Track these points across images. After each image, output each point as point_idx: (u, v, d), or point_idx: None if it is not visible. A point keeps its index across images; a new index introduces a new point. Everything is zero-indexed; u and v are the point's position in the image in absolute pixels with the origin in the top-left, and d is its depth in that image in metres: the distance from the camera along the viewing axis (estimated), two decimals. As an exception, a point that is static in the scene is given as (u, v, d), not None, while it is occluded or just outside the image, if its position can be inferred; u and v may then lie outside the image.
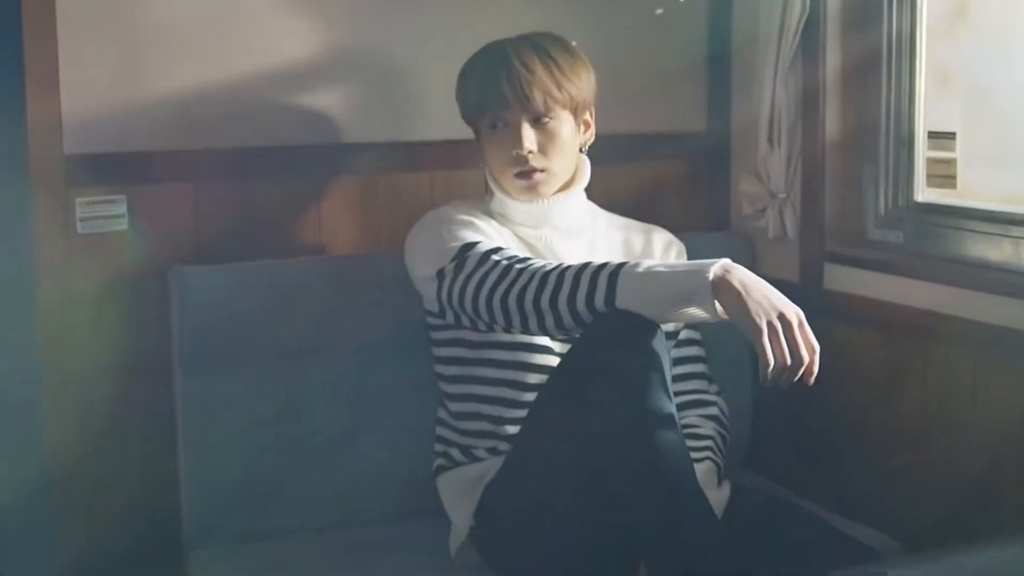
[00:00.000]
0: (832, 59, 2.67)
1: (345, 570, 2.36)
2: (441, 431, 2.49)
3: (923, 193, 2.64)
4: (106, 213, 2.58)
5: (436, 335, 2.46)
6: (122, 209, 2.59)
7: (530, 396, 2.32)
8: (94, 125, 2.55)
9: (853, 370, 2.65)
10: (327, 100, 2.69)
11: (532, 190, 2.40)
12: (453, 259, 2.29)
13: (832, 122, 2.68)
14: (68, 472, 2.60)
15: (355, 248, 2.70)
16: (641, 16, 2.89)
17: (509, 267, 2.21)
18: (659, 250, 2.53)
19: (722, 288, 2.03)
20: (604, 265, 2.12)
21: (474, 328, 2.34)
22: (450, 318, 2.36)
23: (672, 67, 2.93)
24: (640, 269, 2.09)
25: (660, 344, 2.09)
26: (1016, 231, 2.42)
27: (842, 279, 2.68)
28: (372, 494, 2.56)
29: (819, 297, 2.70)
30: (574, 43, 2.45)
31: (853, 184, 2.71)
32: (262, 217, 2.67)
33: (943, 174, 2.59)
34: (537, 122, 2.36)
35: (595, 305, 2.10)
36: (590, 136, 2.47)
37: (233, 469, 2.51)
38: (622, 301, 2.07)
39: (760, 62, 2.71)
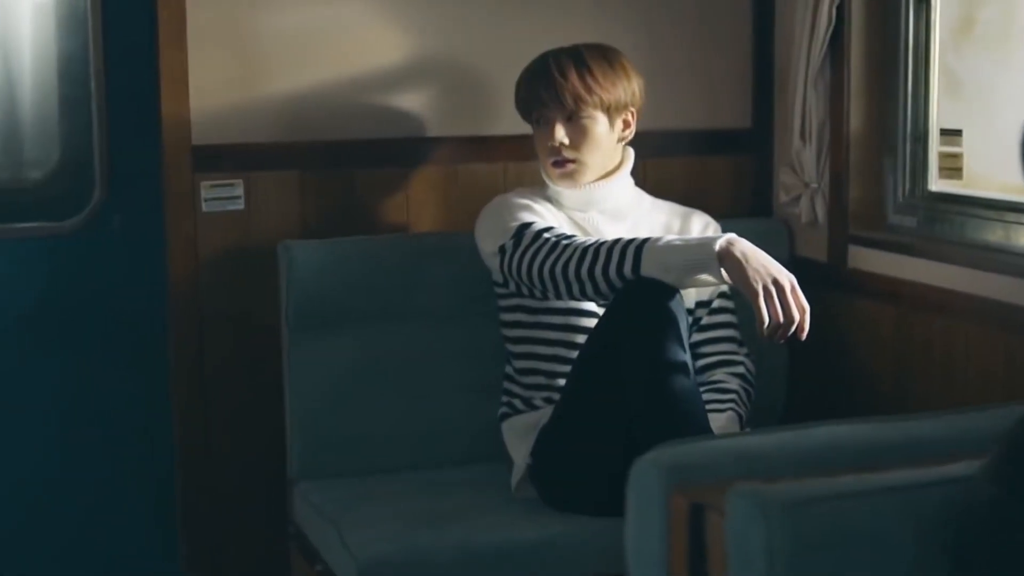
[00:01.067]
0: (856, 65, 3.01)
1: (422, 502, 2.76)
2: (507, 384, 2.90)
3: (935, 183, 2.98)
4: (226, 195, 3.03)
5: (502, 303, 2.87)
6: (240, 192, 3.04)
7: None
8: (217, 120, 3.00)
9: (872, 339, 3.00)
10: (414, 100, 3.10)
11: (567, 177, 2.79)
12: (512, 237, 2.69)
13: (856, 120, 3.03)
14: (189, 416, 3.06)
15: (436, 227, 3.11)
16: (693, 25, 3.25)
17: (556, 243, 2.61)
18: (697, 231, 2.90)
19: (726, 258, 2.42)
20: (632, 240, 2.51)
21: (532, 296, 2.75)
22: (512, 287, 2.78)
23: (721, 71, 3.29)
24: (660, 243, 2.48)
25: (677, 305, 2.48)
26: (1010, 216, 2.75)
27: (864, 259, 3.02)
28: (447, 439, 2.97)
29: (844, 275, 3.06)
30: (622, 53, 2.84)
31: (874, 175, 3.05)
32: (358, 200, 3.09)
33: (952, 167, 2.93)
34: (570, 120, 2.76)
35: (623, 273, 2.49)
36: (629, 133, 2.84)
37: (330, 415, 2.94)
38: (645, 270, 2.47)
39: (793, 67, 3.07)
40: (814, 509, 1.12)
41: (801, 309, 2.44)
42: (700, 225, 2.91)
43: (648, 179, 3.08)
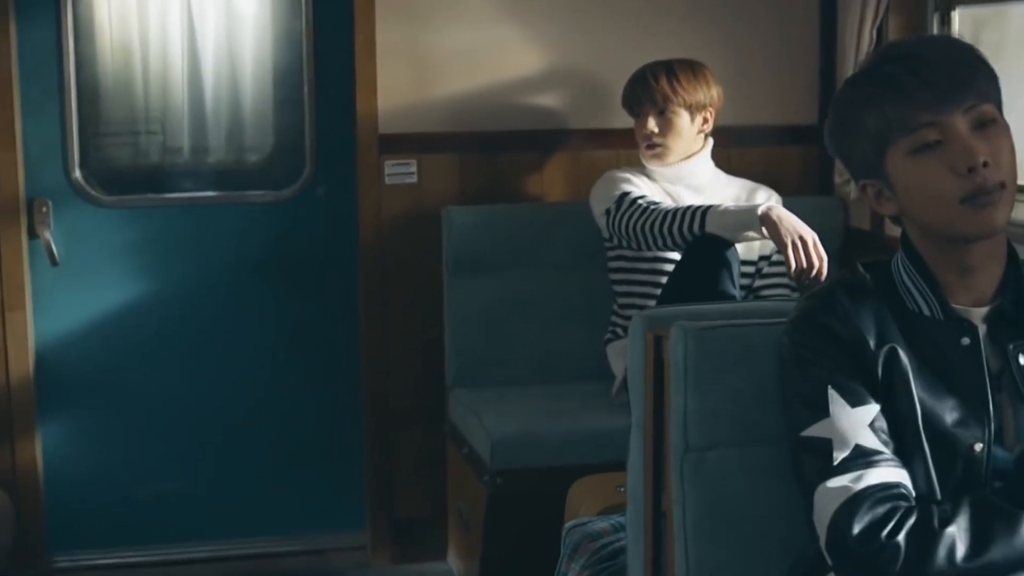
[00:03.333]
0: (892, 75, 3.82)
1: (542, 403, 3.64)
2: (612, 317, 3.78)
3: (953, 168, 3.76)
4: (403, 171, 3.96)
5: (608, 254, 3.76)
6: (413, 169, 3.97)
7: (664, 291, 3.60)
8: (397, 115, 3.92)
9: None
10: (549, 100, 3.99)
11: (656, 157, 3.65)
12: (615, 203, 3.58)
13: (892, 118, 3.84)
14: (373, 339, 4.00)
15: (563, 198, 4.00)
16: (769, 40, 4.06)
17: (646, 208, 3.49)
18: (761, 202, 3.72)
19: (765, 220, 3.26)
20: (700, 206, 3.38)
21: (629, 248, 3.63)
22: (615, 242, 3.66)
23: (792, 77, 4.10)
24: (720, 208, 3.34)
25: (732, 254, 3.32)
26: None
27: (897, 228, 3.81)
28: (564, 359, 3.86)
29: (882, 240, 3.84)
30: (706, 66, 3.69)
31: (906, 161, 3.85)
32: (503, 176, 3.99)
33: (963, 155, 3.72)
34: (661, 114, 3.61)
35: (693, 231, 3.35)
36: (708, 127, 3.67)
37: (480, 338, 3.85)
38: (708, 228, 3.33)
39: (843, 76, 3.88)
40: (712, 332, 1.97)
41: (820, 258, 3.26)
42: (763, 197, 3.73)
43: (732, 165, 3.91)
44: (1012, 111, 3.50)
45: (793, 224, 3.28)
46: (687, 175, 3.70)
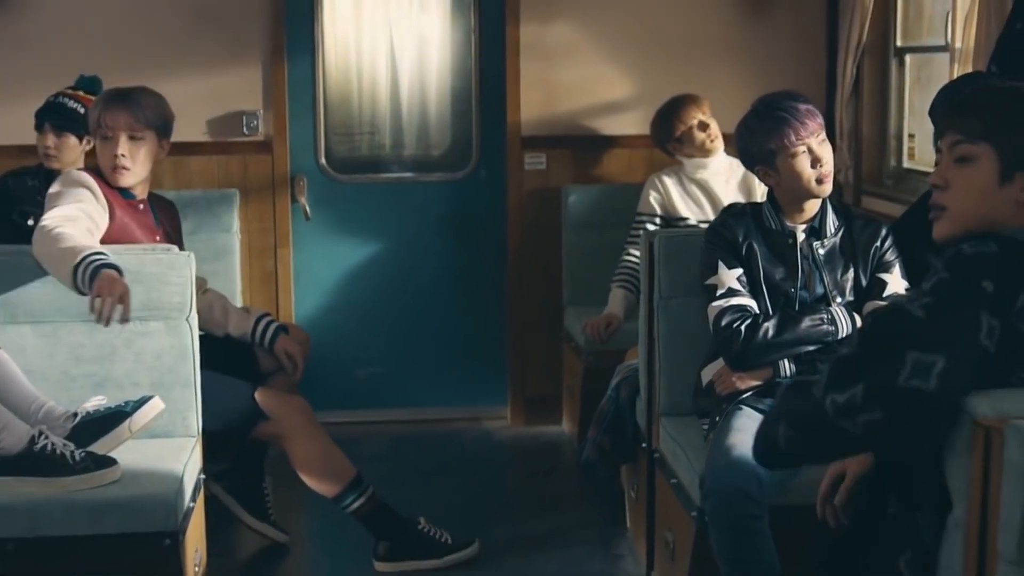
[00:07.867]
0: (867, 98, 5.58)
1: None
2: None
3: (906, 163, 5.55)
4: (537, 161, 5.86)
5: (669, 217, 5.64)
6: (543, 160, 5.85)
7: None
8: (533, 123, 5.81)
9: (870, 244, 5.58)
10: (634, 113, 5.81)
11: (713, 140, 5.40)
12: (635, 216, 5.38)
13: (867, 128, 5.59)
14: (515, 274, 5.90)
15: (639, 179, 5.75)
16: (787, 75, 5.84)
17: (630, 241, 5.32)
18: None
19: None
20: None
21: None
22: (672, 209, 5.54)
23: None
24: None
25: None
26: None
27: (870, 203, 5.59)
28: (642, 287, 5.75)
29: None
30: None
31: (876, 157, 5.61)
32: (603, 165, 5.88)
33: (911, 154, 5.51)
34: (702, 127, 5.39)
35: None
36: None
37: (585, 273, 5.71)
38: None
39: (838, 100, 5.67)
40: (675, 237, 3.84)
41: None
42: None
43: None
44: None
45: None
46: (715, 161, 5.41)
